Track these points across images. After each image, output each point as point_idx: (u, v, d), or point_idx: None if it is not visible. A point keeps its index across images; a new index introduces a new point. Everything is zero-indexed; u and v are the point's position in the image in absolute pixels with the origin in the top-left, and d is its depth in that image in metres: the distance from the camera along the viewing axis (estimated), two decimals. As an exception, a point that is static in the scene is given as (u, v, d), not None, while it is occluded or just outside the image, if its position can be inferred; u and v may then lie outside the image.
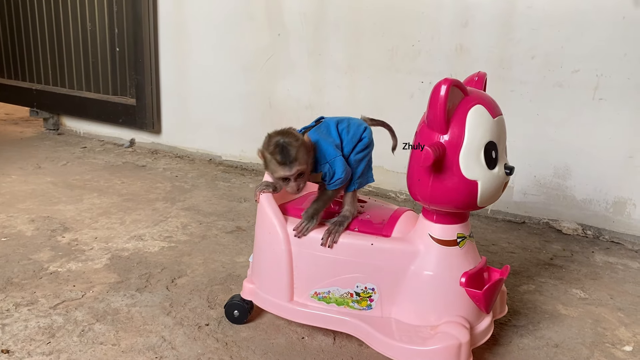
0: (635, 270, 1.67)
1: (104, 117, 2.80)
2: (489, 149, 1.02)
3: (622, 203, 1.87)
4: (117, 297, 1.37)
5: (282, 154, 1.07)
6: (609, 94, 1.81)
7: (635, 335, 1.31)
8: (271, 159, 1.09)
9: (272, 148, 1.08)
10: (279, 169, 1.08)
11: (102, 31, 2.71)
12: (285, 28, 2.31)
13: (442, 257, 1.10)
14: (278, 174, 1.09)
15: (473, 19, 1.95)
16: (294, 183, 1.10)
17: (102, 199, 2.04)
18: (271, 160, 1.09)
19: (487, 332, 1.15)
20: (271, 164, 1.09)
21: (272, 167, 1.10)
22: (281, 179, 1.11)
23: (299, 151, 1.08)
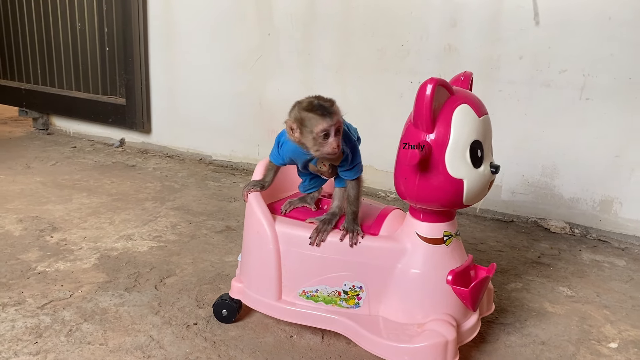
0: (621, 268, 1.69)
1: (94, 117, 2.79)
2: (474, 148, 1.03)
3: (608, 202, 1.88)
4: (105, 296, 1.36)
5: (321, 107, 1.05)
6: (595, 93, 1.82)
7: (620, 332, 1.33)
8: (311, 116, 1.05)
9: (309, 105, 1.07)
10: (320, 121, 1.04)
11: (92, 30, 2.70)
12: (275, 28, 2.32)
13: (429, 255, 1.11)
14: (319, 127, 1.04)
15: (462, 19, 1.96)
16: (334, 138, 1.05)
17: (91, 198, 2.03)
18: (310, 118, 1.05)
19: (474, 329, 1.16)
20: (311, 121, 1.05)
21: (311, 123, 1.05)
22: (322, 136, 1.05)
23: (335, 105, 1.08)
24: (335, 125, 1.05)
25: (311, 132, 1.06)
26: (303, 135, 1.07)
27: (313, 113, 1.05)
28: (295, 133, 1.08)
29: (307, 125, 1.06)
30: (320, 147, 1.06)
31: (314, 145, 1.07)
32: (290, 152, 1.14)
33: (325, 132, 1.05)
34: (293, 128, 1.08)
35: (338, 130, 1.06)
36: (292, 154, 1.14)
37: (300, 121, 1.07)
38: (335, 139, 1.05)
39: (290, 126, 1.09)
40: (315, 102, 1.06)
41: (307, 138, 1.07)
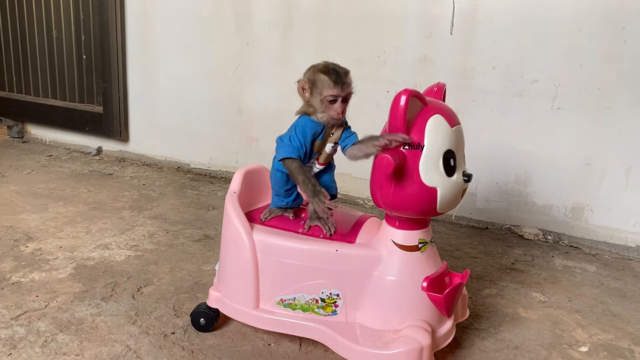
0: (592, 273, 1.73)
1: (71, 125, 2.77)
2: (447, 157, 1.05)
3: (580, 209, 1.93)
4: (81, 306, 1.35)
5: (336, 73, 1.10)
6: (566, 103, 1.87)
7: (591, 336, 1.36)
8: (324, 79, 1.10)
9: (324, 68, 1.11)
10: (331, 86, 1.09)
11: (69, 38, 2.68)
12: (254, 36, 2.33)
13: (404, 263, 1.13)
14: (330, 92, 1.09)
15: (436, 30, 2.00)
16: (340, 104, 1.11)
17: (67, 207, 2.01)
18: (323, 80, 1.10)
19: (449, 335, 1.18)
20: (322, 83, 1.10)
21: (322, 85, 1.10)
22: (328, 100, 1.10)
23: (349, 76, 1.12)
24: (344, 95, 1.10)
25: (320, 94, 1.11)
26: (312, 95, 1.13)
27: (327, 76, 1.10)
28: (306, 93, 1.14)
29: (318, 86, 1.11)
30: (326, 110, 1.11)
31: (320, 107, 1.12)
32: (302, 127, 1.15)
33: (333, 98, 1.10)
34: (305, 88, 1.14)
35: (345, 99, 1.11)
36: (304, 128, 1.14)
37: (312, 82, 1.12)
38: (341, 105, 1.11)
39: (302, 86, 1.14)
40: (330, 66, 1.11)
41: (316, 99, 1.12)
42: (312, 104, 1.13)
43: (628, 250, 1.88)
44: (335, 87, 1.10)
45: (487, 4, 1.91)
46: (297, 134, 1.14)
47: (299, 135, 1.14)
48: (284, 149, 1.15)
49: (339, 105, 1.11)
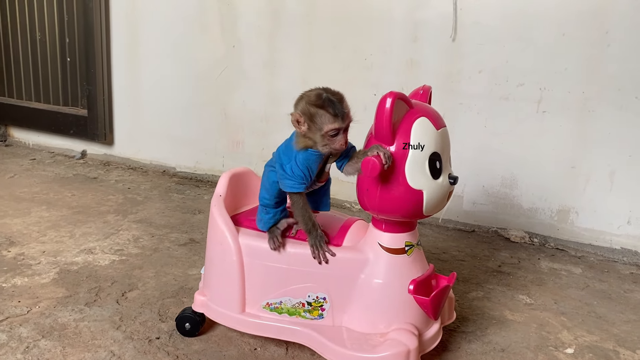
0: (578, 275, 1.74)
1: (54, 128, 2.74)
2: (433, 160, 1.05)
3: (565, 211, 1.94)
4: (64, 312, 1.33)
5: (332, 105, 1.02)
6: (551, 106, 1.89)
7: (576, 338, 1.37)
8: (322, 113, 1.03)
9: (320, 101, 1.03)
10: (332, 121, 1.02)
11: (53, 41, 2.66)
12: (239, 40, 2.32)
13: (391, 265, 1.13)
14: (330, 127, 1.03)
15: (422, 34, 2.00)
16: (342, 136, 1.04)
17: (51, 211, 1.99)
18: (322, 115, 1.03)
19: (435, 338, 1.18)
20: (321, 118, 1.03)
21: (322, 121, 1.03)
22: (330, 135, 1.04)
23: (345, 102, 1.05)
24: (346, 127, 1.05)
25: (320, 130, 1.04)
26: (311, 130, 1.05)
27: (324, 110, 1.03)
28: (302, 127, 1.05)
29: (317, 122, 1.04)
30: (328, 143, 1.05)
31: (322, 142, 1.05)
32: (306, 161, 1.08)
33: (335, 132, 1.04)
34: (300, 121, 1.05)
35: (346, 129, 1.06)
36: (308, 162, 1.09)
37: (309, 116, 1.04)
38: (344, 136, 1.05)
39: (297, 119, 1.05)
40: (324, 96, 1.03)
41: (315, 134, 1.05)
42: (311, 138, 1.06)
43: (613, 253, 1.90)
44: (335, 121, 1.03)
45: (473, 8, 1.92)
46: (301, 167, 1.08)
47: (303, 168, 1.08)
48: (289, 182, 1.09)
49: (342, 137, 1.05)
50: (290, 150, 1.11)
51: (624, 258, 1.88)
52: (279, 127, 2.32)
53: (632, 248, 1.87)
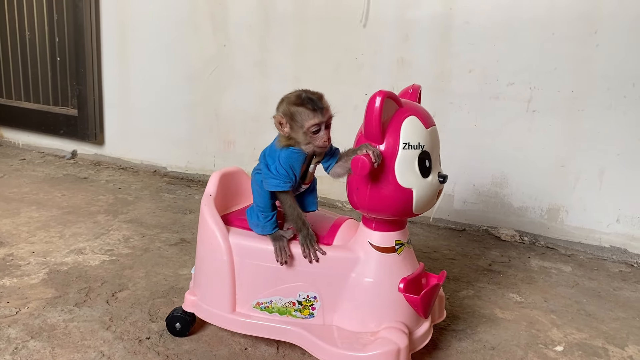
0: (568, 273, 1.75)
1: (44, 128, 2.72)
2: (422, 158, 1.06)
3: (555, 210, 1.96)
4: (54, 312, 1.33)
5: (311, 101, 1.05)
6: (541, 106, 1.90)
7: (566, 335, 1.38)
8: (301, 110, 1.05)
9: (297, 99, 1.06)
10: (312, 116, 1.04)
11: (42, 40, 2.64)
12: (230, 39, 2.32)
13: (381, 264, 1.13)
14: (311, 122, 1.04)
15: (413, 33, 2.01)
16: (324, 132, 1.06)
17: (41, 212, 1.98)
18: (301, 112, 1.05)
19: (426, 336, 1.18)
20: (301, 115, 1.05)
21: (302, 118, 1.05)
22: (312, 131, 1.05)
23: (324, 99, 1.08)
24: (326, 121, 1.06)
25: (302, 127, 1.06)
26: (293, 130, 1.07)
27: (303, 107, 1.05)
28: (285, 128, 1.07)
29: (297, 120, 1.06)
30: (311, 140, 1.07)
31: (305, 140, 1.07)
32: (288, 159, 1.10)
33: (316, 128, 1.05)
34: (282, 123, 1.07)
35: (327, 125, 1.07)
36: (290, 160, 1.10)
37: (290, 116, 1.06)
38: (326, 133, 1.06)
39: (280, 121, 1.08)
40: (303, 95, 1.06)
41: (298, 133, 1.07)
42: (294, 138, 1.08)
43: (602, 251, 1.91)
44: (315, 116, 1.05)
45: (463, 8, 1.93)
46: (284, 167, 1.09)
47: (286, 167, 1.09)
48: (274, 181, 1.10)
49: (324, 134, 1.06)
50: (274, 151, 1.12)
51: (613, 256, 1.89)
52: (270, 126, 2.29)
53: (621, 246, 1.89)
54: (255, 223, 1.17)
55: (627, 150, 1.83)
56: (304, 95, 1.07)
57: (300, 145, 1.08)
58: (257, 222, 1.17)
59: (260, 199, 1.15)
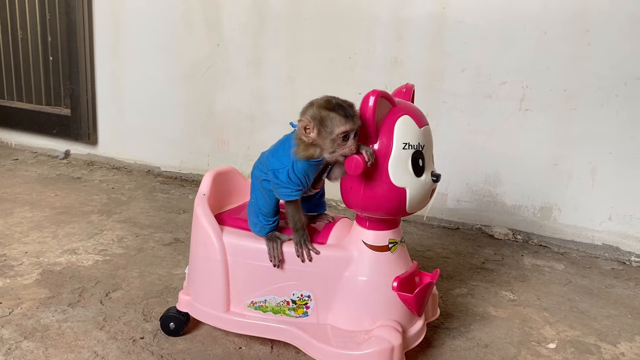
0: (560, 272, 1.76)
1: (37, 128, 2.71)
2: (416, 158, 1.06)
3: (548, 208, 1.97)
4: (47, 313, 1.32)
5: (343, 108, 1.01)
6: (534, 104, 1.91)
7: (559, 333, 1.38)
8: (333, 116, 1.01)
9: (330, 105, 1.02)
10: (343, 122, 1.00)
11: (35, 40, 2.63)
12: (224, 38, 2.32)
13: (374, 263, 1.13)
14: (342, 129, 1.00)
15: (407, 33, 2.01)
16: (352, 141, 1.02)
17: (34, 212, 1.97)
18: (332, 117, 1.00)
19: (419, 334, 1.19)
20: (332, 121, 1.01)
21: (333, 123, 1.01)
22: (340, 138, 1.01)
23: (354, 108, 1.04)
24: (357, 128, 1.02)
25: (331, 133, 1.01)
26: (320, 135, 1.02)
27: (335, 113, 1.01)
28: (311, 133, 1.03)
29: (327, 125, 1.01)
30: (338, 148, 1.03)
31: (331, 147, 1.03)
32: (304, 170, 1.07)
33: (345, 134, 1.01)
34: (309, 128, 1.03)
35: (357, 133, 1.03)
36: (306, 170, 1.07)
37: (320, 120, 1.02)
38: (354, 142, 1.02)
39: (306, 125, 1.03)
40: (334, 101, 1.03)
41: (325, 139, 1.03)
42: (319, 144, 1.04)
43: (595, 249, 1.92)
44: (347, 122, 1.00)
45: (456, 7, 1.93)
46: (299, 175, 1.07)
47: (301, 177, 1.07)
48: (286, 190, 1.08)
49: (352, 142, 1.02)
50: (283, 157, 1.09)
51: (605, 254, 1.90)
52: (264, 125, 2.32)
53: (614, 244, 1.90)
54: (254, 222, 1.17)
55: (619, 149, 1.84)
56: (334, 101, 1.03)
57: (323, 152, 1.05)
58: (256, 222, 1.16)
59: (266, 204, 1.14)
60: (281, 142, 1.13)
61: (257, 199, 1.16)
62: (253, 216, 1.17)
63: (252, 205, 1.18)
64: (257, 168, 1.17)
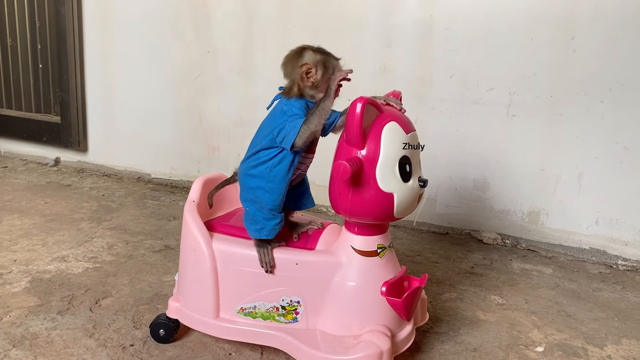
0: (548, 275, 1.78)
1: (27, 136, 2.71)
2: (403, 163, 1.07)
3: (536, 213, 1.98)
4: (36, 321, 1.32)
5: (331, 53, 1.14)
6: (521, 110, 1.93)
7: (546, 336, 1.40)
8: (331, 59, 1.13)
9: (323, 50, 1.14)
10: (338, 65, 1.14)
11: (24, 47, 2.63)
12: (214, 45, 2.33)
13: (363, 268, 1.14)
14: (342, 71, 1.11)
15: (396, 40, 2.03)
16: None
17: (23, 220, 1.96)
18: (332, 60, 1.13)
19: (408, 339, 1.20)
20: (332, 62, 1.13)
21: (334, 65, 1.13)
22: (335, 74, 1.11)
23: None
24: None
25: (332, 74, 1.11)
26: (323, 77, 1.11)
27: (331, 56, 1.14)
28: (316, 75, 1.11)
29: (329, 67, 1.12)
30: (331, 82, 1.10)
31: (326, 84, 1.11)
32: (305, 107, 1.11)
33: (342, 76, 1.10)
34: (312, 70, 1.11)
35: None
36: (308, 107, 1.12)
37: (322, 63, 1.11)
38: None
39: (310, 68, 1.10)
40: (321, 47, 1.14)
41: (324, 80, 1.11)
42: (318, 86, 1.12)
43: (582, 253, 1.94)
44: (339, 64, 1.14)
45: (444, 14, 1.96)
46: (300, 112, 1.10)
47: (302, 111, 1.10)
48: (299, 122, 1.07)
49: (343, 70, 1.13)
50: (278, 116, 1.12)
51: (592, 258, 1.92)
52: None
53: (601, 248, 1.92)
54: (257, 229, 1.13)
55: (605, 154, 1.86)
56: (322, 49, 1.13)
57: (317, 93, 1.12)
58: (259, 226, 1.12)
59: (271, 195, 1.11)
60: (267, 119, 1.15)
61: (257, 196, 1.12)
62: (252, 223, 1.14)
63: (249, 210, 1.15)
64: (242, 163, 1.16)
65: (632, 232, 1.88)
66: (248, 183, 1.15)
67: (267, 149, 1.12)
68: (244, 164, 1.17)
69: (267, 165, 1.12)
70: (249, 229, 1.15)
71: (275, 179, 1.12)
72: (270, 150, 1.12)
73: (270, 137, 1.11)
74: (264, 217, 1.13)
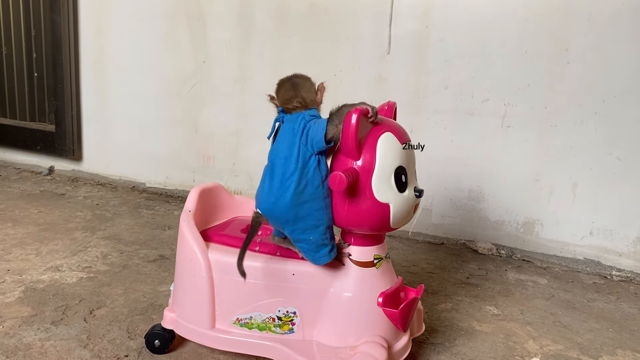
0: (544, 286, 1.78)
1: (21, 144, 2.69)
2: (399, 174, 1.08)
3: (530, 223, 1.99)
4: (30, 331, 1.31)
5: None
6: (515, 121, 1.94)
7: (542, 347, 1.40)
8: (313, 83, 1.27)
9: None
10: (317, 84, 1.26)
11: (19, 55, 2.63)
12: (209, 55, 2.33)
13: (359, 279, 1.14)
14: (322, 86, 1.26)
15: (391, 51, 2.04)
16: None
17: (16, 229, 1.95)
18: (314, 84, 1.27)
19: (405, 350, 1.19)
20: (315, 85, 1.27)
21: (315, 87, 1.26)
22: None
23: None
24: None
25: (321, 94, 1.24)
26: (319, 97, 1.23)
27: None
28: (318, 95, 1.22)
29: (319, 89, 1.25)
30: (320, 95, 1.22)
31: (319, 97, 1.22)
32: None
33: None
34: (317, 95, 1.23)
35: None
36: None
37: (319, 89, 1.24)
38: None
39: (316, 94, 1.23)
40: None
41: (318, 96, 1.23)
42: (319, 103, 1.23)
43: (577, 263, 1.95)
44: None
45: (438, 26, 1.97)
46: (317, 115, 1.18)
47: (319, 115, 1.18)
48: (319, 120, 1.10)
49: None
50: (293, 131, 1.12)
51: (587, 268, 1.93)
52: (249, 142, 2.33)
53: (595, 258, 1.93)
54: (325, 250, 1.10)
55: (599, 165, 1.88)
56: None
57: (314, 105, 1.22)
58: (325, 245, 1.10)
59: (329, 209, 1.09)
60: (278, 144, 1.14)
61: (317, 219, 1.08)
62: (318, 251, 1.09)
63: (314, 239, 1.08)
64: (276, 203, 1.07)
65: (626, 242, 1.89)
66: (299, 214, 1.06)
67: (302, 168, 1.06)
68: (280, 201, 1.06)
69: (313, 184, 1.07)
70: (318, 259, 1.10)
71: (328, 191, 1.08)
72: (306, 169, 1.06)
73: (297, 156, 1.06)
74: (330, 236, 1.10)
